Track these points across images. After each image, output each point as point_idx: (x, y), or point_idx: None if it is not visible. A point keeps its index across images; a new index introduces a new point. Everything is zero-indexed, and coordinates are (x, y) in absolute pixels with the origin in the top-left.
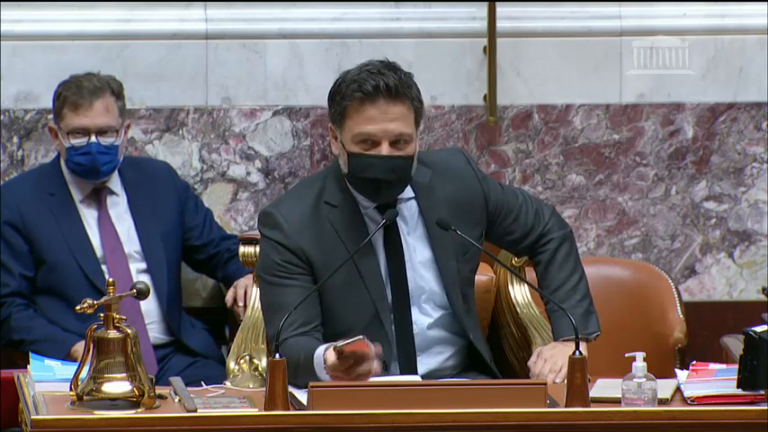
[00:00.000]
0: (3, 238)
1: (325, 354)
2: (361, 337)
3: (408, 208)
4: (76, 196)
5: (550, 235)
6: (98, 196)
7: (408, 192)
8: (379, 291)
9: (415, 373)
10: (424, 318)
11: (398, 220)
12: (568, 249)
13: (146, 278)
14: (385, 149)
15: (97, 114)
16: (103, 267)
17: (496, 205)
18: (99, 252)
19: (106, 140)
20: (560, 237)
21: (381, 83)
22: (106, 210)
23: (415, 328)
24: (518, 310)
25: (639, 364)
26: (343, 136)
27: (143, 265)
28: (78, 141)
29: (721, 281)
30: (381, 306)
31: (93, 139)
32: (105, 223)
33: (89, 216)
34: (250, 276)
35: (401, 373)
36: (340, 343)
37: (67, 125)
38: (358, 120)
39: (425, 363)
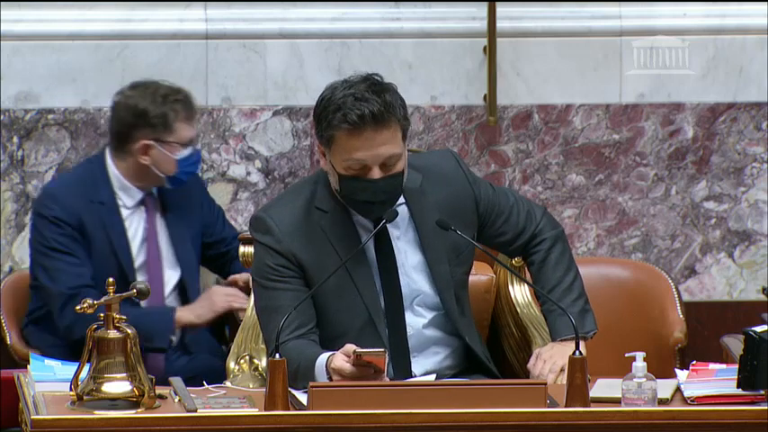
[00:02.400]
0: (67, 237)
1: (330, 358)
2: (383, 350)
3: (399, 212)
4: (126, 204)
5: (543, 235)
6: (144, 204)
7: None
8: (372, 296)
9: (410, 376)
10: (418, 319)
11: (389, 225)
12: (561, 249)
13: (175, 282)
14: (376, 173)
15: (196, 122)
16: (139, 276)
17: (487, 207)
18: (138, 261)
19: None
20: (553, 237)
21: (366, 111)
22: (152, 218)
23: (410, 330)
24: (518, 310)
25: (639, 364)
26: (332, 158)
27: (177, 272)
28: (188, 151)
29: (721, 281)
30: (374, 311)
31: (198, 146)
32: (149, 233)
33: (135, 225)
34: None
35: (395, 376)
36: (360, 350)
37: (182, 138)
38: (346, 148)
39: (422, 364)
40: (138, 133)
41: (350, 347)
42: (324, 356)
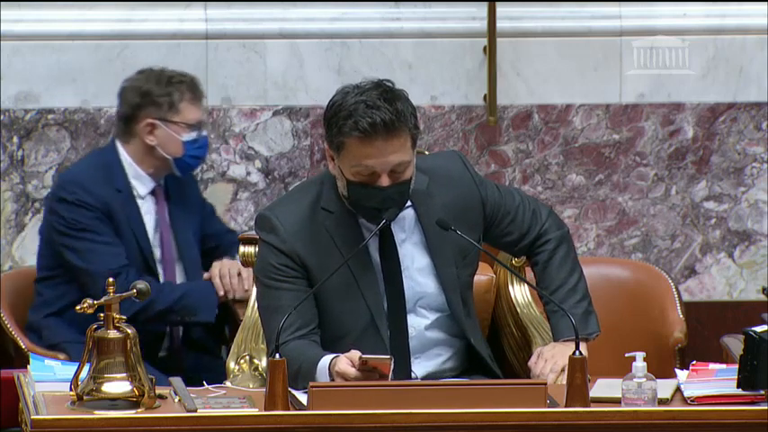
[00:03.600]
0: (95, 219)
1: (334, 360)
2: (389, 357)
3: (406, 215)
4: (139, 193)
5: (548, 235)
6: (154, 195)
7: None
8: (376, 298)
9: (410, 378)
10: (421, 320)
11: (395, 227)
12: (566, 249)
13: (182, 279)
14: (384, 181)
15: (203, 107)
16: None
17: (494, 208)
18: (157, 252)
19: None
20: (558, 237)
21: (378, 120)
22: (162, 209)
23: (413, 331)
24: (518, 310)
25: (639, 364)
26: (340, 163)
27: (181, 267)
28: (194, 134)
29: (721, 281)
30: (377, 313)
31: (204, 132)
32: (161, 223)
33: (148, 215)
34: (230, 263)
35: (395, 378)
36: (366, 356)
37: (188, 118)
38: (356, 155)
39: (424, 365)
40: (143, 113)
41: (355, 354)
42: (327, 358)
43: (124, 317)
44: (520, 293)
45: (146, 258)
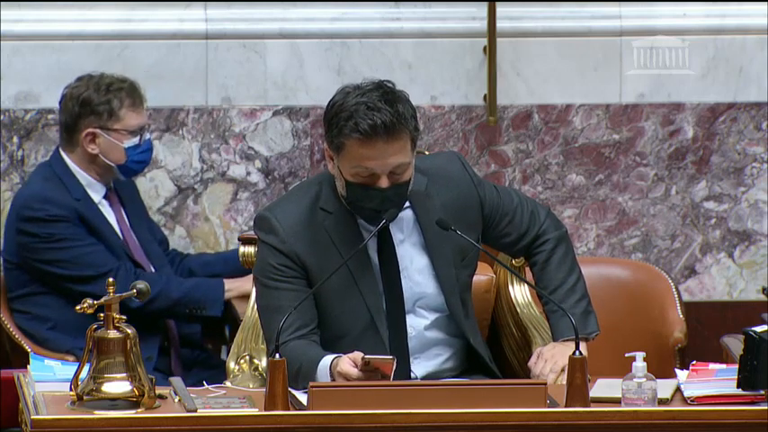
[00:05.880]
0: (75, 226)
1: (335, 361)
2: (391, 357)
3: (404, 216)
4: (95, 199)
5: (546, 236)
6: (107, 199)
7: None
8: (375, 298)
9: (409, 378)
10: (420, 320)
11: (394, 228)
12: (565, 250)
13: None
14: (384, 182)
15: (145, 111)
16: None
17: (492, 209)
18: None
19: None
20: (556, 237)
21: (378, 122)
22: (119, 211)
23: (413, 331)
24: (518, 310)
25: (639, 364)
26: (340, 164)
27: (149, 265)
28: (136, 140)
29: (721, 281)
30: (376, 313)
31: (147, 136)
32: (121, 224)
33: (109, 217)
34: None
35: (394, 378)
36: (369, 356)
37: (129, 125)
38: (356, 156)
39: (424, 365)
40: (83, 122)
41: (358, 355)
42: (327, 359)
43: (124, 317)
44: (520, 293)
45: (128, 256)
